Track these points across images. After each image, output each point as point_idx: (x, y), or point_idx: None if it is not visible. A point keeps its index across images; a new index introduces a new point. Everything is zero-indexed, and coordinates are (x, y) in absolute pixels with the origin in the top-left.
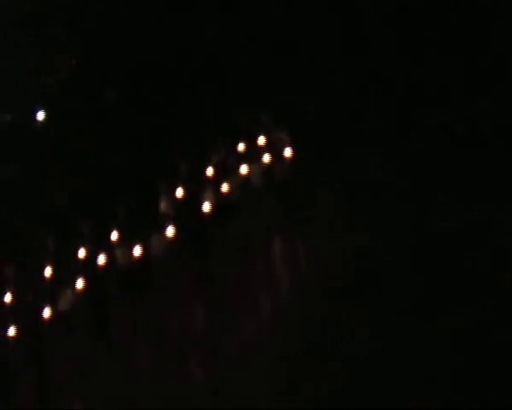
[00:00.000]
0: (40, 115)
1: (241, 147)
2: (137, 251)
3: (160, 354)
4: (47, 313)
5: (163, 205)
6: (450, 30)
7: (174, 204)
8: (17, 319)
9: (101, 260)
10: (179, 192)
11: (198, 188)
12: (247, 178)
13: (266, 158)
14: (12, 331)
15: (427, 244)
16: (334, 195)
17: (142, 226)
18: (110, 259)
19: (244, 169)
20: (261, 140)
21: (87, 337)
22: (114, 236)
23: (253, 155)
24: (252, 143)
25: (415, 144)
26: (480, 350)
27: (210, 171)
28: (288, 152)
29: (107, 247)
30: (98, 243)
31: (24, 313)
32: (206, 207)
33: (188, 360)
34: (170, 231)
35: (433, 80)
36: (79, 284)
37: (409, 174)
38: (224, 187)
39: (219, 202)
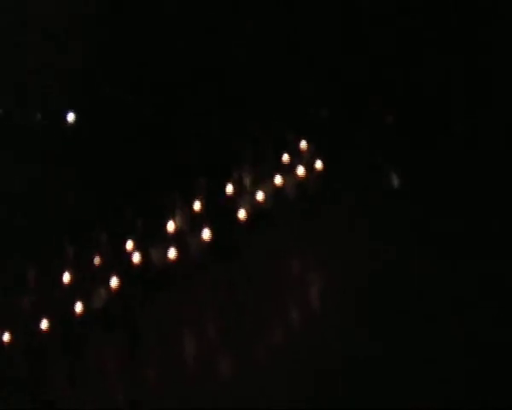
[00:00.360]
0: (70, 117)
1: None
2: (172, 253)
3: (186, 356)
4: (79, 308)
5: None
6: (450, 30)
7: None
8: (49, 312)
9: (136, 258)
10: (197, 206)
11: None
12: (279, 188)
13: (300, 171)
14: (44, 324)
15: (427, 244)
16: (336, 197)
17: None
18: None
19: (278, 180)
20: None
21: (117, 336)
22: (129, 244)
23: (284, 166)
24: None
25: (415, 145)
26: (480, 350)
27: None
28: (318, 164)
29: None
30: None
31: (55, 307)
32: (242, 214)
33: (215, 364)
34: (206, 235)
35: (433, 80)
36: (113, 282)
37: (409, 175)
38: (259, 196)
39: (253, 210)
